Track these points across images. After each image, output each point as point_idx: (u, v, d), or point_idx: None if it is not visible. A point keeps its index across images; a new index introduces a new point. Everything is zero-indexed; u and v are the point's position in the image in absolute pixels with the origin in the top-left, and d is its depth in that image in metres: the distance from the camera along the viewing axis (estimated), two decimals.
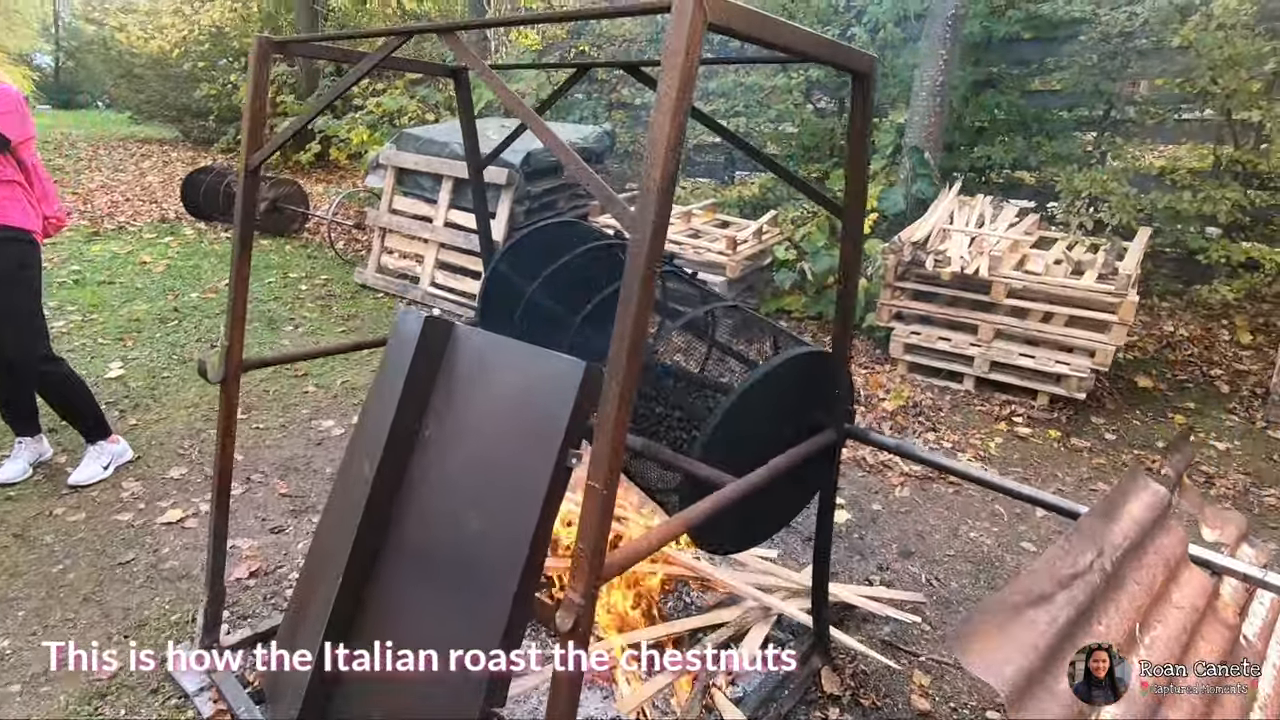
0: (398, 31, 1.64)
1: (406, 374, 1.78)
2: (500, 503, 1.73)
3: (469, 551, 1.74)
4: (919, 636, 2.51)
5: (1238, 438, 4.11)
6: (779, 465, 1.62)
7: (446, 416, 1.83)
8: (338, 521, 1.84)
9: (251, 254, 2.04)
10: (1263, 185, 5.54)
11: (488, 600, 1.69)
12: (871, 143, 6.46)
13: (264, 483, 3.27)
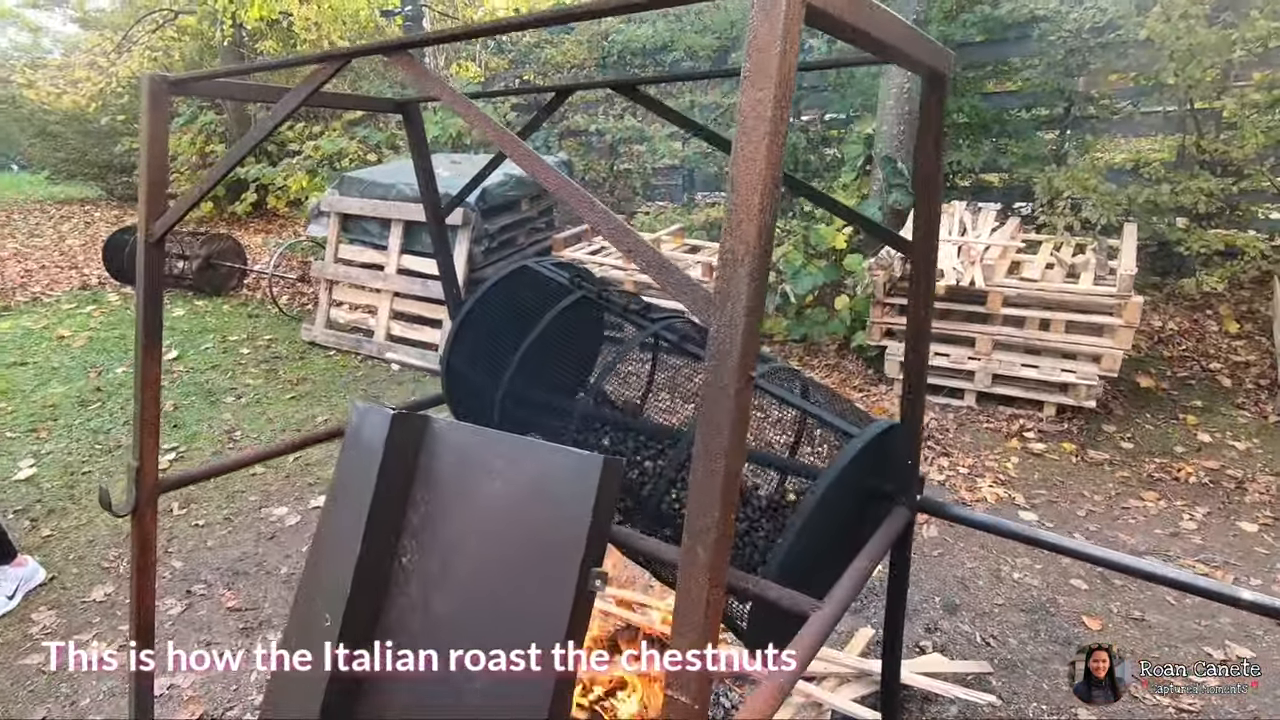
0: (331, 57, 1.28)
1: (373, 491, 1.39)
2: (506, 649, 1.34)
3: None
4: (990, 716, 2.18)
5: (1254, 435, 3.95)
6: (863, 570, 1.27)
7: (429, 540, 1.43)
8: (292, 697, 1.42)
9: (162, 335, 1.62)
10: (1228, 173, 5.52)
11: None
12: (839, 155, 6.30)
13: (207, 595, 2.79)
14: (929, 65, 1.11)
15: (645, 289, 5.28)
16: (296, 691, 1.42)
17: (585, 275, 1.93)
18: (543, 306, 1.83)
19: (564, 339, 1.88)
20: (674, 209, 7.35)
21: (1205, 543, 3.09)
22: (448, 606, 1.41)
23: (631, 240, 0.75)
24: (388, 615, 1.43)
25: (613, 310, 1.80)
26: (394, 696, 1.40)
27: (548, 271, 1.89)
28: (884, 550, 1.36)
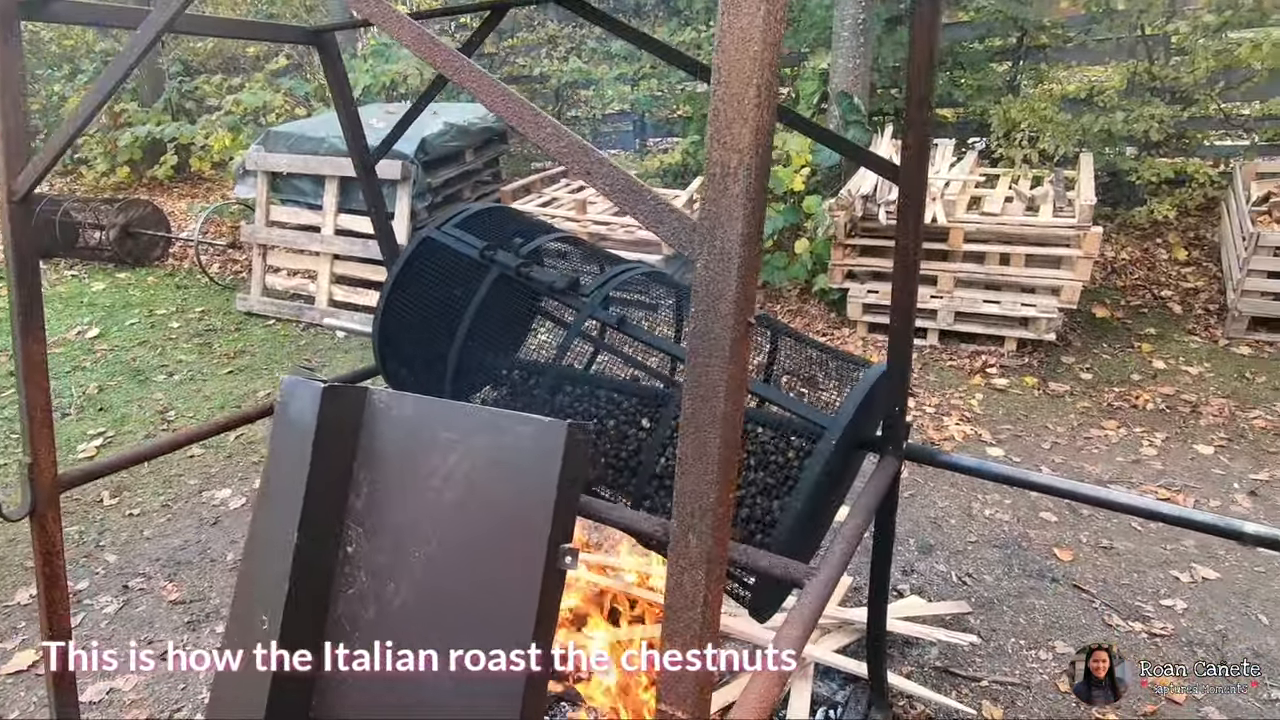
0: None
1: (307, 474, 1.22)
2: (468, 642, 1.22)
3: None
4: (972, 654, 2.18)
5: (1205, 359, 4.03)
6: (857, 528, 1.17)
7: (376, 524, 1.28)
8: (235, 702, 1.27)
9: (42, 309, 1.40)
10: (1176, 99, 5.53)
11: None
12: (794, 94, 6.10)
13: (147, 589, 2.59)
14: None
15: (601, 239, 5.08)
16: (239, 696, 1.28)
17: (499, 237, 1.68)
18: (465, 288, 1.62)
19: (501, 321, 1.70)
20: (626, 156, 7.09)
21: (1165, 468, 3.14)
22: (403, 596, 1.27)
23: (591, 160, 0.59)
24: (335, 609, 1.28)
25: (538, 291, 1.59)
26: (350, 696, 1.26)
27: (456, 244, 1.64)
28: (875, 504, 1.26)
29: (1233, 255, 4.36)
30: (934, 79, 1.10)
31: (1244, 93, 5.47)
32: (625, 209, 0.58)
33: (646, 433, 1.60)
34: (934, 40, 1.05)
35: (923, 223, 1.24)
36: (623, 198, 0.58)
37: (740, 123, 0.50)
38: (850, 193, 4.30)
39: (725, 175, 0.51)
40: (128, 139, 8.26)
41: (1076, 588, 2.45)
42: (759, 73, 0.49)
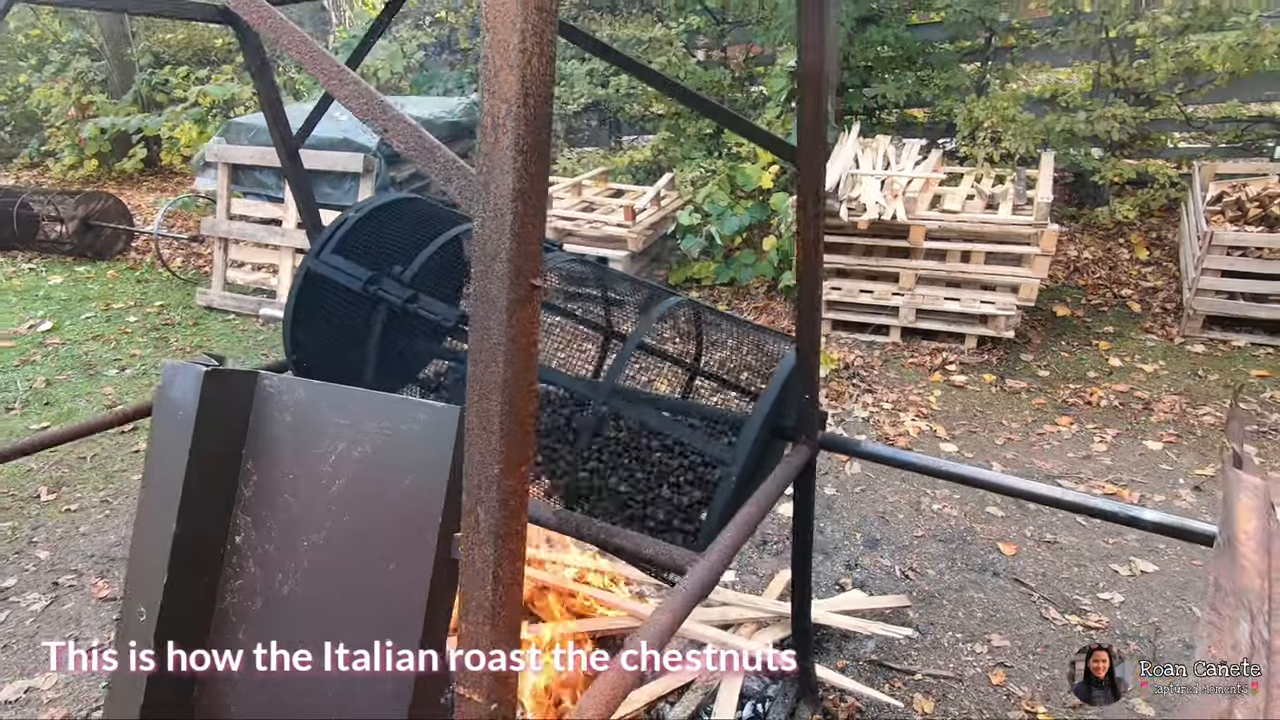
0: None
1: (187, 461, 1.18)
2: (364, 626, 1.18)
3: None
4: (908, 648, 2.17)
5: (1160, 357, 4.06)
6: (751, 516, 1.15)
7: (266, 514, 1.25)
8: (118, 706, 1.23)
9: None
10: (1140, 101, 5.58)
11: None
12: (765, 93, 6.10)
13: (77, 586, 2.53)
14: None
15: (567, 235, 5.05)
16: (122, 693, 1.24)
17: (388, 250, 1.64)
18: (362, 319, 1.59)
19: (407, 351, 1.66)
20: (598, 153, 7.05)
21: (1114, 463, 3.16)
22: (293, 588, 1.23)
23: (388, 117, 0.56)
24: (222, 601, 1.24)
25: (426, 326, 1.55)
26: (234, 694, 1.23)
27: (337, 275, 1.60)
28: (778, 492, 1.24)
29: (1189, 255, 4.40)
30: (827, 48, 1.08)
31: (1204, 95, 5.53)
32: (419, 165, 0.55)
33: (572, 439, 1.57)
34: (823, 15, 1.03)
35: (822, 205, 1.23)
36: (417, 154, 0.56)
37: (507, 70, 0.47)
38: None
39: (495, 127, 0.48)
40: (91, 130, 8.09)
41: (1017, 581, 2.45)
42: (524, 17, 0.46)
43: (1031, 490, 1.22)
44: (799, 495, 1.55)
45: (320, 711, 1.18)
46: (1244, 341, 4.08)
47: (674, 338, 1.67)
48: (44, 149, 10.25)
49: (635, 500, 1.46)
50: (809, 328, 1.29)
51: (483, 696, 0.57)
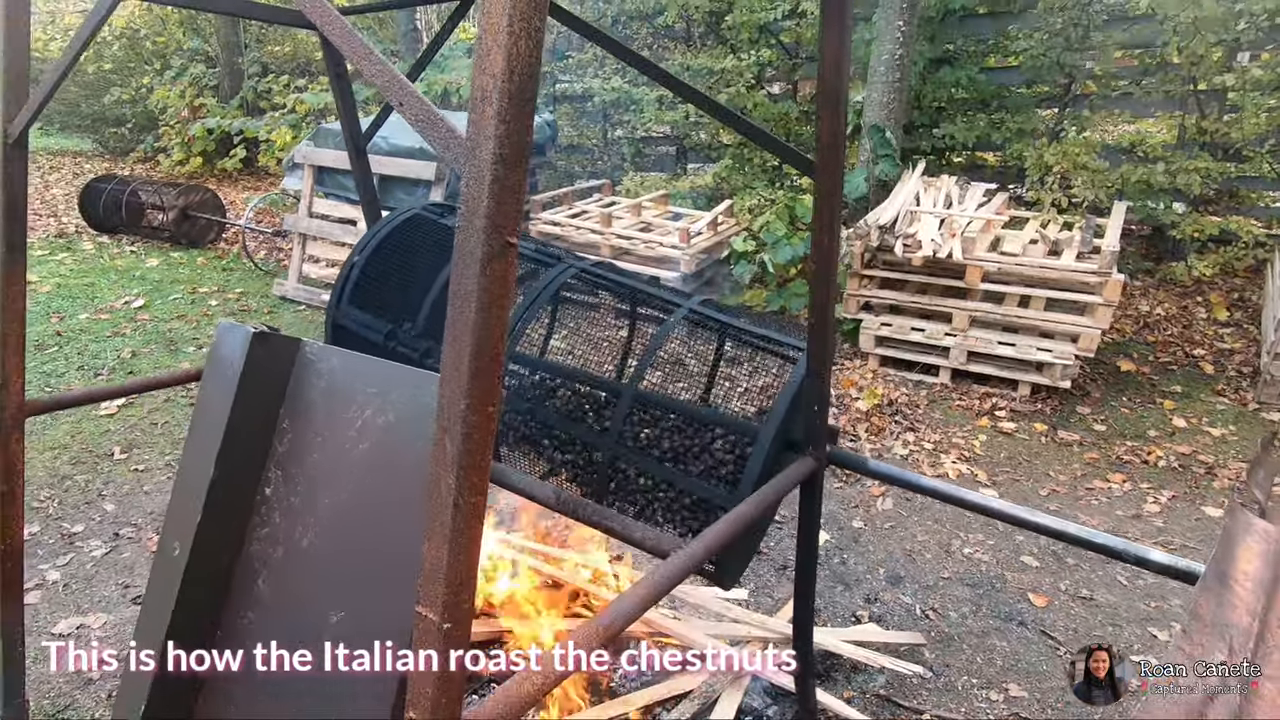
0: None
1: (229, 413, 1.29)
2: (373, 584, 1.26)
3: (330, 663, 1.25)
4: (920, 688, 2.11)
5: (1231, 422, 3.84)
6: (743, 515, 1.18)
7: (296, 469, 1.35)
8: (144, 637, 1.34)
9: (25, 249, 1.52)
10: (1228, 156, 5.35)
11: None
12: None
13: (135, 538, 2.72)
14: None
15: (623, 254, 5.16)
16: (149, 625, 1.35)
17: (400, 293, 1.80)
18: None
19: None
20: (662, 177, 7.20)
21: (1166, 525, 3.00)
22: (312, 540, 1.32)
23: (403, 92, 0.64)
24: (249, 546, 1.34)
25: None
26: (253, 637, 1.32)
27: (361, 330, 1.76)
28: (775, 497, 1.27)
29: (1271, 317, 4.16)
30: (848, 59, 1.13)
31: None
32: (425, 137, 0.63)
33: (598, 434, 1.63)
34: (844, 39, 1.08)
35: (838, 218, 1.26)
36: (424, 125, 0.64)
37: (496, 50, 0.55)
38: (868, 223, 4.28)
39: (483, 100, 0.56)
40: (198, 130, 8.76)
41: (1044, 634, 2.35)
42: (513, 5, 0.53)
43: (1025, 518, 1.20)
44: (804, 509, 1.55)
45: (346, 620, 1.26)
46: None
47: (694, 340, 1.72)
48: (157, 145, 11.15)
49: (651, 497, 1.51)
50: (820, 341, 1.32)
51: (437, 615, 0.62)
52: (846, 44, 1.08)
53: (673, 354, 1.76)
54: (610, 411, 1.64)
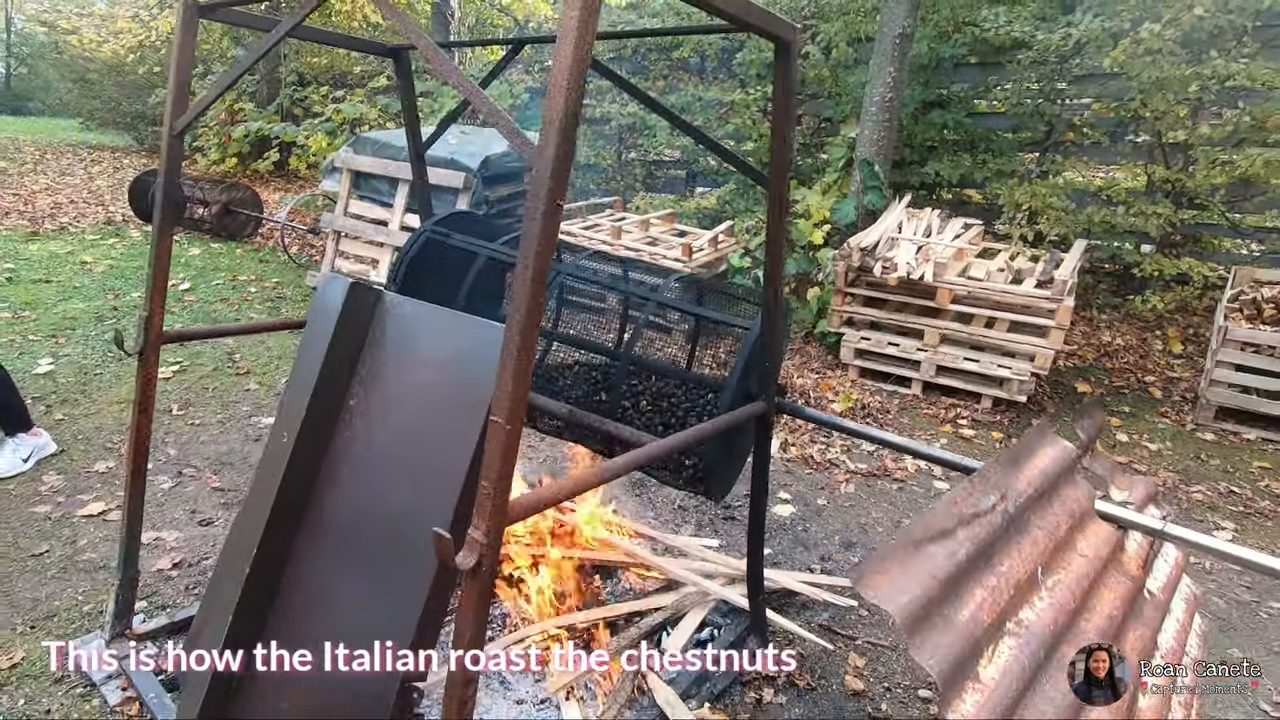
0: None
1: (329, 342, 1.74)
2: (426, 475, 1.69)
3: (394, 525, 1.70)
4: (855, 621, 2.52)
5: (1169, 439, 4.26)
6: (698, 431, 1.62)
7: (373, 387, 1.79)
8: (255, 497, 1.78)
9: (175, 216, 1.98)
10: (1191, 204, 5.82)
11: (411, 575, 1.65)
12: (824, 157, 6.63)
13: (196, 477, 3.16)
14: (775, 34, 1.45)
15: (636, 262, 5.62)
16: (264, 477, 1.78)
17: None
18: None
19: None
20: (671, 198, 7.70)
21: None
22: (383, 440, 1.76)
23: (495, 114, 1.10)
24: (335, 442, 1.78)
25: None
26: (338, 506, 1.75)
27: None
28: (730, 422, 1.70)
29: (1212, 350, 4.59)
30: (791, 118, 1.59)
31: (1255, 205, 5.73)
32: (511, 143, 1.07)
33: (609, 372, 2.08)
34: (787, 85, 1.53)
35: (785, 220, 1.71)
36: (511, 136, 1.08)
37: (558, 95, 0.99)
38: (850, 245, 4.75)
39: (550, 124, 1.00)
40: (240, 132, 9.32)
41: None
42: (570, 73, 0.98)
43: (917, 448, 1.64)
44: (757, 451, 1.99)
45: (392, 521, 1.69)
46: (1254, 435, 4.24)
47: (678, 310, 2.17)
48: (194, 144, 11.75)
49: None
50: (773, 309, 1.77)
51: (483, 535, 1.06)
52: (792, 99, 1.54)
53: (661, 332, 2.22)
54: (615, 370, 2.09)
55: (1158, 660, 1.37)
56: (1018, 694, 1.05)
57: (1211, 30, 5.11)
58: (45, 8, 13.98)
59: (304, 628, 1.70)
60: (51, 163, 11.29)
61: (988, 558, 1.16)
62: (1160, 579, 1.53)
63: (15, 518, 2.75)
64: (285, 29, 1.67)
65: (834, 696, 2.16)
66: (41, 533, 2.68)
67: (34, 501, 2.87)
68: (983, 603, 1.10)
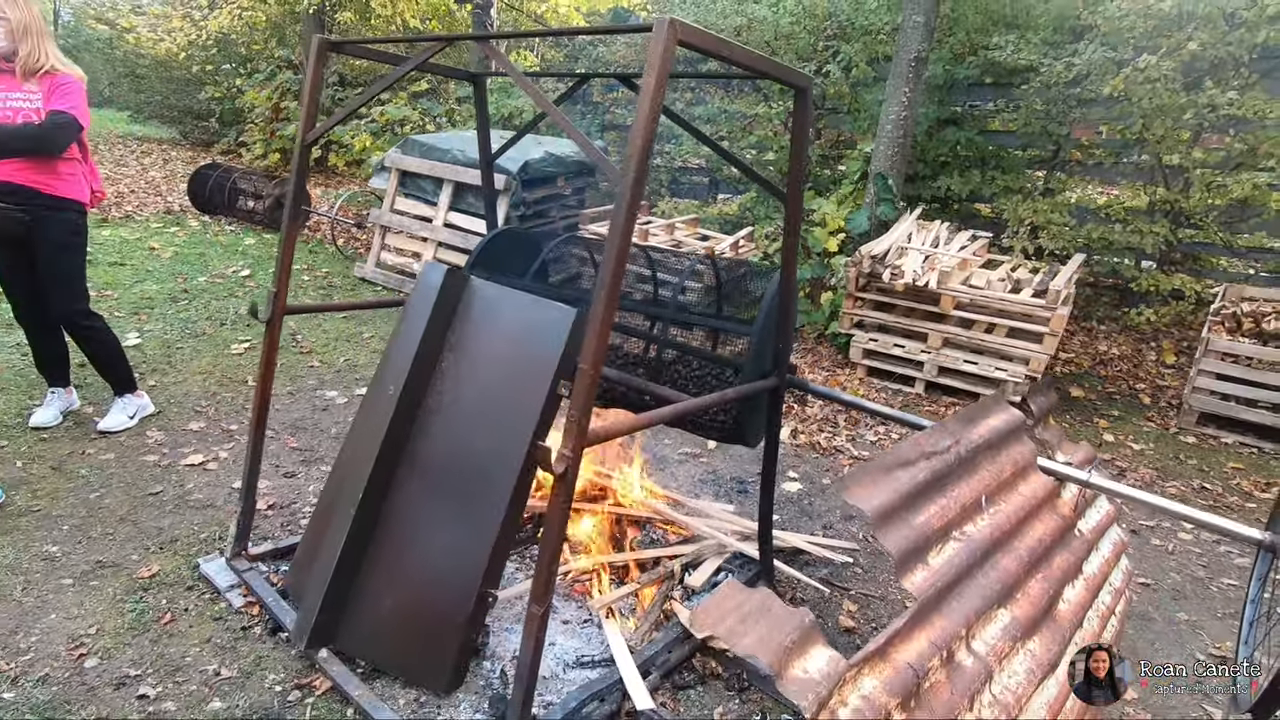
0: (439, 38, 2.06)
1: (429, 314, 2.17)
2: (503, 424, 2.11)
3: (475, 465, 2.11)
4: (851, 577, 2.91)
5: (1152, 441, 4.60)
6: (721, 395, 2.02)
7: (460, 352, 2.22)
8: (361, 440, 2.21)
9: (300, 211, 2.42)
10: (1189, 224, 6.14)
11: (488, 505, 2.07)
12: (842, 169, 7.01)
13: (275, 438, 3.60)
14: (793, 83, 1.86)
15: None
16: (370, 423, 2.21)
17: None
18: None
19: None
20: (694, 204, 8.11)
21: None
22: (468, 395, 2.18)
23: (580, 139, 1.51)
24: (430, 398, 2.21)
25: None
26: (431, 447, 2.17)
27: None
28: (751, 392, 2.10)
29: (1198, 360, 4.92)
30: (805, 153, 1.99)
31: (1250, 225, 6.04)
32: (596, 163, 1.48)
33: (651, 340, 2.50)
34: (804, 128, 1.94)
35: (799, 229, 2.10)
36: (598, 160, 1.49)
37: (639, 133, 1.39)
38: (862, 253, 5.13)
39: (631, 156, 1.40)
40: (290, 130, 9.83)
41: None
42: (643, 137, 1.39)
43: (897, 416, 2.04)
44: (770, 424, 2.38)
45: (478, 455, 2.10)
46: (1232, 440, 4.57)
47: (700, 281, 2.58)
48: (239, 140, 12.33)
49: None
50: (786, 304, 2.17)
51: (570, 450, 1.47)
52: (804, 145, 1.94)
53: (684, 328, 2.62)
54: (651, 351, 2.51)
55: (1080, 581, 1.76)
56: (955, 578, 1.45)
57: (1212, 60, 5.45)
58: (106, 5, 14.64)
59: (403, 543, 2.12)
60: (106, 153, 11.90)
61: (941, 485, 1.55)
62: (1091, 523, 1.92)
63: (131, 464, 3.21)
64: (412, 65, 2.09)
65: (828, 632, 2.55)
66: (154, 477, 3.14)
67: (143, 451, 3.33)
68: (934, 514, 1.49)
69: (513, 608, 2.45)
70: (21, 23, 2.97)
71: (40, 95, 3.06)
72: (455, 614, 2.04)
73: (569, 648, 2.29)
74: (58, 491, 2.94)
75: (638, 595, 2.47)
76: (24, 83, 3.04)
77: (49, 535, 2.67)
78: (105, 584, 2.44)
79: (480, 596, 2.06)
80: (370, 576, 2.16)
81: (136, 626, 2.26)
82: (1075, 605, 1.69)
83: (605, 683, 2.08)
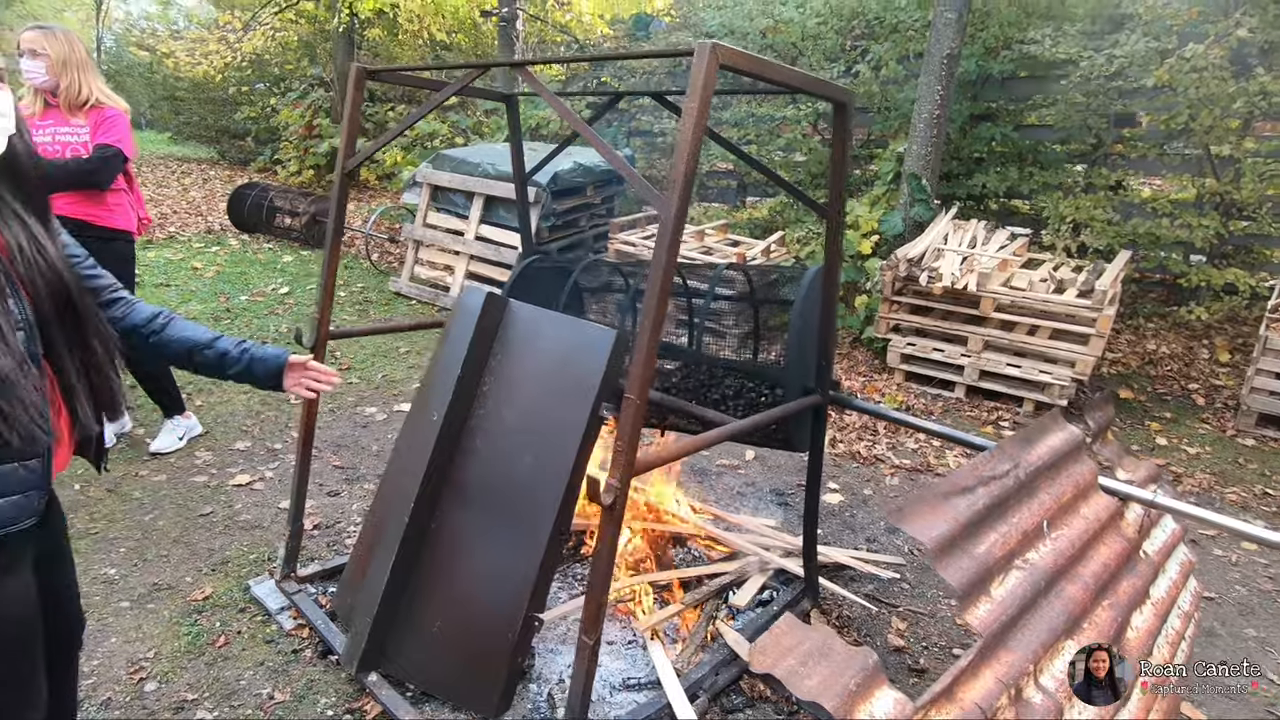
0: (475, 65, 2.07)
1: (471, 339, 2.18)
2: (545, 446, 2.11)
3: (519, 487, 2.11)
4: (898, 593, 2.85)
5: (1208, 444, 4.43)
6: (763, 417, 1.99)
7: (501, 375, 2.22)
8: (405, 464, 2.23)
9: (343, 232, 2.44)
10: (1241, 216, 5.91)
11: (533, 527, 2.07)
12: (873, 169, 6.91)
13: (318, 456, 3.66)
14: (832, 98, 1.82)
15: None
16: (414, 444, 2.22)
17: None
18: None
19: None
20: (724, 209, 8.06)
21: None
22: (511, 417, 2.18)
23: (619, 163, 1.50)
24: (472, 421, 2.22)
25: None
26: (475, 470, 2.18)
27: None
28: (796, 410, 2.07)
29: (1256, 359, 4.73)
30: (846, 164, 1.95)
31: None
32: (643, 194, 1.46)
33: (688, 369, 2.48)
34: (844, 140, 1.90)
35: (841, 241, 2.07)
36: (640, 189, 1.48)
37: (681, 161, 1.38)
38: (897, 256, 5.04)
39: (676, 180, 1.39)
40: (325, 148, 10.03)
41: None
42: (688, 158, 1.37)
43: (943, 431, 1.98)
44: (814, 440, 2.34)
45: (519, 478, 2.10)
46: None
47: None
48: (274, 157, 12.62)
49: None
50: (827, 318, 2.13)
51: (618, 481, 1.45)
52: (845, 161, 1.90)
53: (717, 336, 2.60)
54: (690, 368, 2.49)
55: (1148, 606, 1.69)
56: (1019, 610, 1.40)
57: (1262, 46, 5.25)
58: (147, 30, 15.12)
59: (450, 566, 2.13)
60: (148, 174, 12.28)
61: (1001, 511, 1.51)
62: (1157, 544, 1.84)
63: (181, 485, 3.29)
64: (449, 92, 2.11)
65: (878, 650, 2.50)
66: (203, 498, 3.21)
67: (192, 473, 3.41)
68: (995, 542, 1.44)
69: (557, 627, 2.45)
70: (61, 57, 3.06)
71: (88, 129, 3.15)
72: (503, 637, 2.04)
73: (614, 669, 2.28)
74: (114, 514, 3.03)
75: (682, 616, 2.45)
76: (71, 117, 3.14)
77: (107, 558, 2.74)
78: (161, 606, 2.50)
79: (526, 619, 2.06)
80: (418, 600, 2.17)
81: (192, 650, 2.31)
82: (1144, 633, 1.62)
83: (654, 707, 2.07)
